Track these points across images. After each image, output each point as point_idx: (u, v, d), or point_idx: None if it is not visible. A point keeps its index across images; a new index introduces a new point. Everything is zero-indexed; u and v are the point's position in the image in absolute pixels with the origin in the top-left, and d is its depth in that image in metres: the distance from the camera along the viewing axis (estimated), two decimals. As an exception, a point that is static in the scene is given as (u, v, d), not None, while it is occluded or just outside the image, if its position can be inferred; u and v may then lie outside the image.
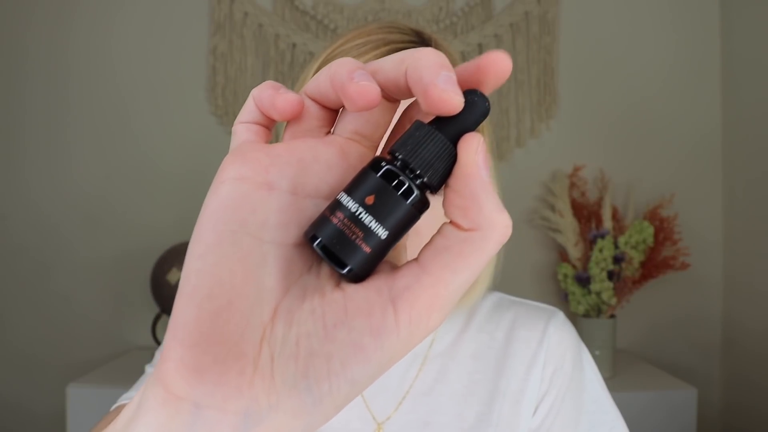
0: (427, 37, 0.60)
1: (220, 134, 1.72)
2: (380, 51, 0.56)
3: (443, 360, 0.65)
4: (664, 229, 1.59)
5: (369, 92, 0.23)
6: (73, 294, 1.72)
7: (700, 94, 1.74)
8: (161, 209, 1.72)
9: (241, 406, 0.23)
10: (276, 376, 0.23)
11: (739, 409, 1.65)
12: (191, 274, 0.23)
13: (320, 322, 0.23)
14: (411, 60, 0.23)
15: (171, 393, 0.23)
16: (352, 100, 0.23)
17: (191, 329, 0.23)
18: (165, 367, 0.23)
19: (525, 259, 1.73)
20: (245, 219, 0.24)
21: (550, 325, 0.66)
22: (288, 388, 0.23)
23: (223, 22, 1.70)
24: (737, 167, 1.68)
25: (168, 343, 0.23)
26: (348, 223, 0.23)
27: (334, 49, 0.59)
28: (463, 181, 0.23)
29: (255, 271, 0.24)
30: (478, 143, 0.23)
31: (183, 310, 0.23)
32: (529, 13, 1.71)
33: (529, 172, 1.73)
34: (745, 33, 1.65)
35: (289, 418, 0.23)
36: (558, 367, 0.64)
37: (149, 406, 0.24)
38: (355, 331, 0.23)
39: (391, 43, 0.57)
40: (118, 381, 1.47)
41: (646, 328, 1.73)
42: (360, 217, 0.23)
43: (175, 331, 0.23)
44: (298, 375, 0.23)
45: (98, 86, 1.72)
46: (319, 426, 0.24)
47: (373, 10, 1.72)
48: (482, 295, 0.67)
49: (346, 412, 0.63)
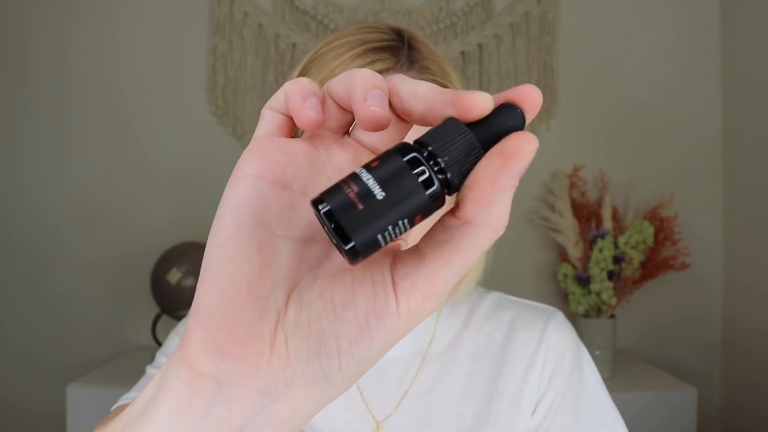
0: (407, 35, 0.60)
1: (220, 134, 1.72)
2: (356, 51, 0.57)
3: (442, 360, 0.66)
4: (664, 229, 1.58)
5: (379, 119, 0.24)
6: (73, 294, 1.72)
7: (700, 94, 1.74)
8: (161, 209, 1.72)
9: (260, 384, 0.25)
10: (290, 355, 0.25)
11: (739, 409, 1.65)
12: (212, 262, 0.25)
13: (330, 303, 0.26)
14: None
15: (195, 371, 0.25)
16: (363, 122, 0.25)
17: (213, 312, 0.25)
18: (189, 347, 0.25)
19: (525, 259, 1.73)
20: (261, 214, 0.25)
21: (549, 326, 0.66)
22: (302, 366, 0.25)
23: (223, 22, 1.70)
24: (737, 167, 1.68)
25: (191, 325, 0.25)
26: (361, 197, 0.22)
27: (316, 53, 0.59)
28: (494, 173, 0.23)
29: (270, 261, 0.25)
30: (532, 148, 0.23)
31: (205, 295, 0.25)
32: (529, 13, 1.71)
33: (529, 172, 1.72)
34: (746, 32, 1.65)
35: (303, 394, 0.25)
36: (557, 368, 0.64)
37: (172, 385, 0.26)
38: (362, 312, 0.25)
39: (367, 43, 0.57)
40: (118, 381, 1.47)
41: (646, 328, 1.73)
42: (375, 194, 0.23)
43: (198, 314, 0.25)
44: (310, 354, 0.25)
45: (98, 86, 1.72)
46: (329, 401, 0.26)
47: (373, 10, 1.72)
48: (471, 286, 0.67)
49: (347, 411, 0.63)
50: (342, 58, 0.56)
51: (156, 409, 0.26)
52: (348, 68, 0.55)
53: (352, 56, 0.56)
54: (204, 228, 1.68)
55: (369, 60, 0.56)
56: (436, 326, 0.68)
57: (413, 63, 0.57)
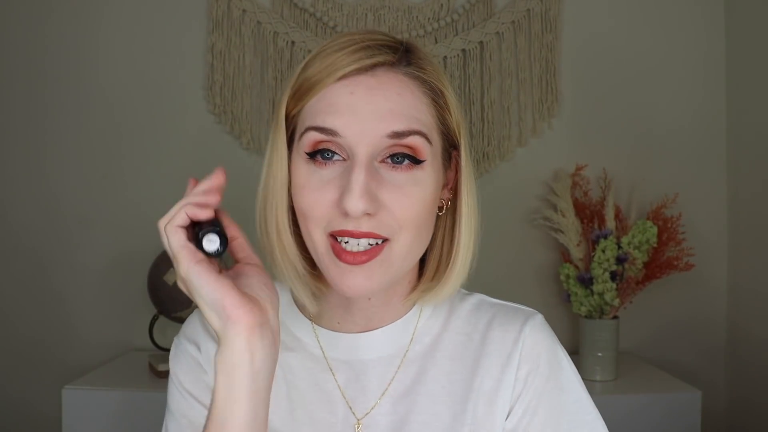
0: (407, 42, 0.64)
1: (218, 133, 1.70)
2: (357, 45, 0.60)
3: (421, 362, 0.67)
4: (668, 229, 1.57)
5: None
6: (69, 295, 1.70)
7: (704, 92, 1.72)
8: (159, 209, 1.70)
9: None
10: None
11: (744, 411, 1.63)
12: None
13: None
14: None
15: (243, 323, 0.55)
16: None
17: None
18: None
19: (527, 260, 1.71)
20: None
21: (526, 327, 0.67)
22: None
23: (220, 20, 1.68)
24: (741, 165, 1.67)
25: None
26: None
27: (320, 49, 0.61)
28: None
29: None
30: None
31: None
32: (531, 11, 1.69)
33: (530, 172, 1.71)
34: (751, 30, 1.63)
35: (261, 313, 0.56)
36: (533, 368, 0.65)
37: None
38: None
39: (368, 41, 0.60)
40: (114, 383, 1.45)
41: (650, 330, 1.72)
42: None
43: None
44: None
45: (95, 84, 1.70)
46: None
47: (373, 8, 1.70)
48: (455, 289, 0.67)
49: (331, 414, 0.66)
50: (345, 51, 0.58)
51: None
52: (352, 57, 0.58)
53: (353, 49, 0.58)
54: (202, 228, 1.67)
55: (369, 54, 0.58)
56: (416, 328, 0.69)
57: (410, 63, 0.60)
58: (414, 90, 0.59)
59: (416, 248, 0.62)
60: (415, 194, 0.59)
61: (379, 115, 0.57)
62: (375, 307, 0.67)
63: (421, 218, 0.60)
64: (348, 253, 0.58)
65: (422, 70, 0.60)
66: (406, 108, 0.58)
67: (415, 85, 0.60)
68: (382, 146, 0.57)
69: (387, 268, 0.60)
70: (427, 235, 0.63)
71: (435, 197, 0.62)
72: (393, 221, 0.58)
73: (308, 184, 0.59)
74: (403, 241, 0.59)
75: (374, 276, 0.59)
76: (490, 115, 1.69)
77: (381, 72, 0.58)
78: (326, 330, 0.68)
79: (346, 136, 0.57)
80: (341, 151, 0.58)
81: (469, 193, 0.64)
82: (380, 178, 0.58)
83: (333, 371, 0.67)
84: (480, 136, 1.69)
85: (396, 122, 0.57)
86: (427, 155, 0.59)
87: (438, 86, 0.61)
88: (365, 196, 0.55)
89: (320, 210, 0.58)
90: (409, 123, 0.58)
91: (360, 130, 0.56)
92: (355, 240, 0.57)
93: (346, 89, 0.57)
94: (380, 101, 0.57)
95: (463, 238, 0.64)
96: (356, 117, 0.57)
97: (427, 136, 0.59)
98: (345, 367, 0.67)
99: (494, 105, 1.70)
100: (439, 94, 0.61)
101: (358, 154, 0.57)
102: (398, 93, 0.58)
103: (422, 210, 0.59)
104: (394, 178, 0.58)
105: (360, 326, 0.67)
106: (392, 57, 0.59)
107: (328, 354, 0.67)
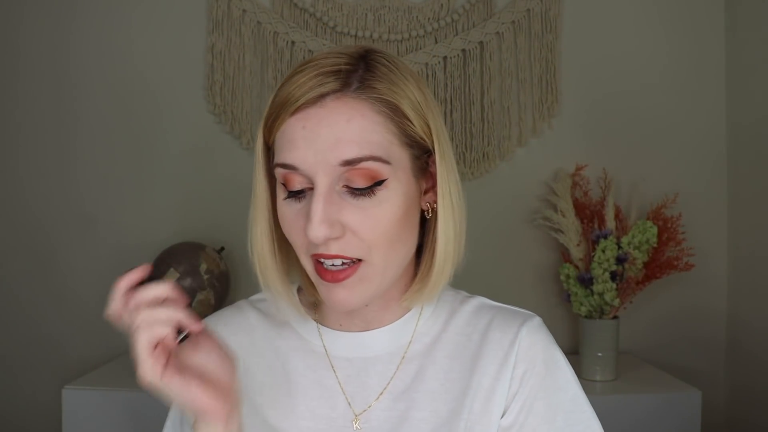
0: (372, 58, 0.64)
1: (218, 133, 1.70)
2: (311, 74, 0.61)
3: (421, 360, 0.70)
4: (668, 229, 1.57)
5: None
6: (69, 295, 1.70)
7: (704, 92, 1.72)
8: (158, 209, 1.70)
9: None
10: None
11: (744, 412, 1.63)
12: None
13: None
14: None
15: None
16: None
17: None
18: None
19: (526, 260, 1.71)
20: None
21: (523, 328, 0.69)
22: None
23: (220, 20, 1.68)
24: (742, 165, 1.66)
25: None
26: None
27: (292, 71, 0.64)
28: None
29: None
30: None
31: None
32: (531, 11, 1.69)
33: (530, 172, 1.71)
34: (751, 30, 1.63)
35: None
36: (529, 368, 0.67)
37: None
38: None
39: (321, 67, 0.61)
40: (113, 383, 1.45)
41: (650, 330, 1.71)
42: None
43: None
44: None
45: (95, 85, 1.70)
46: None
47: (373, 8, 1.70)
48: (444, 285, 0.69)
49: (332, 410, 0.68)
50: (301, 81, 0.61)
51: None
52: (303, 88, 0.60)
53: (307, 78, 0.60)
54: (202, 228, 1.67)
55: (319, 82, 0.60)
56: (416, 328, 0.71)
57: (362, 83, 0.61)
58: (365, 112, 0.60)
59: (395, 261, 0.64)
60: (378, 214, 0.61)
61: (329, 145, 0.59)
62: (373, 311, 0.70)
63: (391, 234, 0.62)
64: (327, 272, 0.62)
65: (373, 89, 0.60)
66: (357, 134, 0.59)
67: (367, 106, 0.60)
68: (337, 174, 0.59)
69: (367, 284, 0.63)
70: (407, 244, 0.65)
71: (408, 208, 0.63)
72: (360, 242, 0.61)
73: (286, 216, 0.63)
74: (377, 260, 0.62)
75: (355, 292, 0.63)
76: (490, 115, 1.69)
77: (329, 101, 0.60)
78: (330, 329, 0.72)
79: (304, 169, 0.60)
80: (307, 182, 0.61)
81: (446, 195, 0.65)
82: (342, 203, 0.60)
83: (334, 368, 0.70)
84: (480, 136, 1.69)
85: (346, 150, 0.59)
86: (387, 173, 0.60)
87: (393, 101, 0.61)
88: (324, 224, 0.58)
89: (298, 237, 0.62)
90: (359, 149, 0.59)
91: (314, 162, 0.59)
92: (330, 261, 0.61)
93: (299, 123, 0.60)
94: (329, 132, 0.59)
95: (440, 239, 0.65)
96: (311, 150, 0.59)
97: (382, 158, 0.60)
98: (346, 364, 0.70)
99: (494, 105, 1.70)
100: (396, 108, 0.61)
101: (318, 184, 0.59)
102: (347, 120, 0.59)
103: (391, 227, 0.61)
104: (356, 201, 0.60)
105: (360, 328, 0.71)
106: (339, 84, 0.60)
107: (331, 352, 0.71)
